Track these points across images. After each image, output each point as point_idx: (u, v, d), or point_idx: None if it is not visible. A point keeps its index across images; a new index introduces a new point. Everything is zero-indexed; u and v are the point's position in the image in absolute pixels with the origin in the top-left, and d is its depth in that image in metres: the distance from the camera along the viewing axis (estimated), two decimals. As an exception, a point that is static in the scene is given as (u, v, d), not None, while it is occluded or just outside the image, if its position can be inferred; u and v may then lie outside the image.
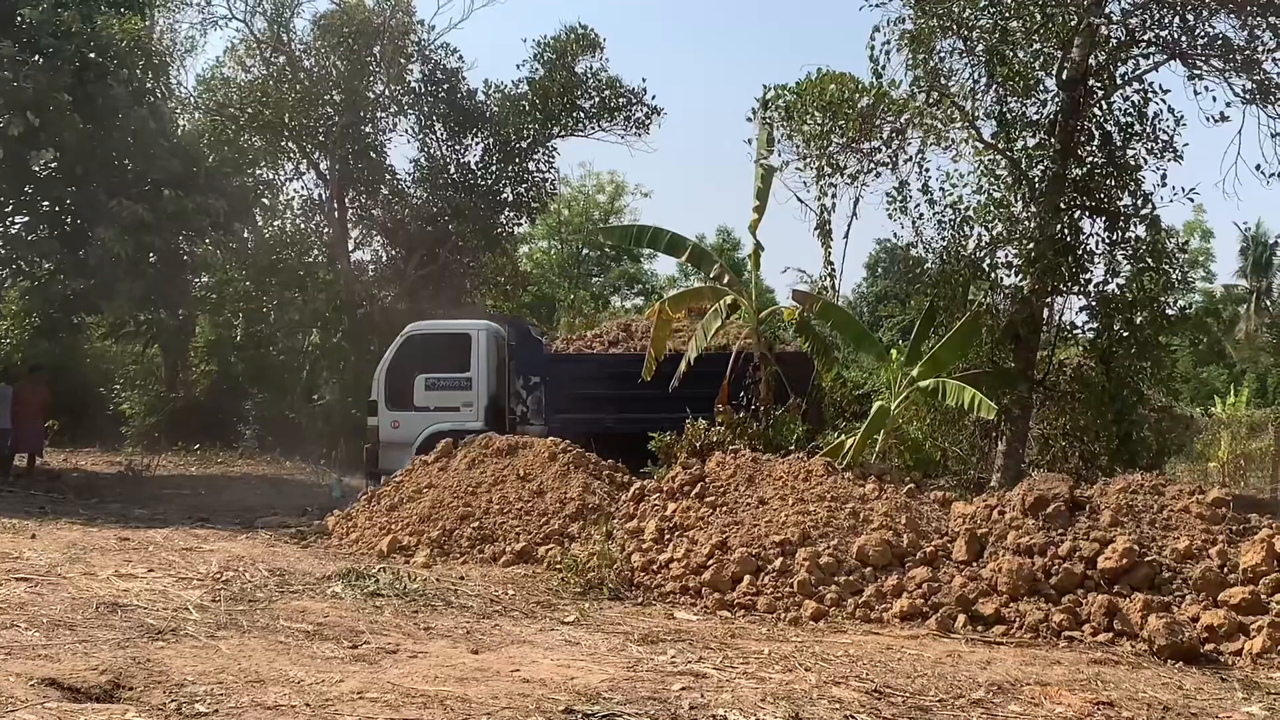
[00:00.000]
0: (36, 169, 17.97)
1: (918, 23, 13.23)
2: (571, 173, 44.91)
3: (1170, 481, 8.93)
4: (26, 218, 18.39)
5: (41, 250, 17.60)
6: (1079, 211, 13.05)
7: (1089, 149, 13.06)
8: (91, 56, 17.02)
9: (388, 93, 25.77)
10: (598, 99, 25.40)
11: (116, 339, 23.11)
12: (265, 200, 25.00)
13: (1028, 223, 12.89)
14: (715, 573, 8.22)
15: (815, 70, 13.81)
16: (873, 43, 13.27)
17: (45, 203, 18.17)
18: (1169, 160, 12.88)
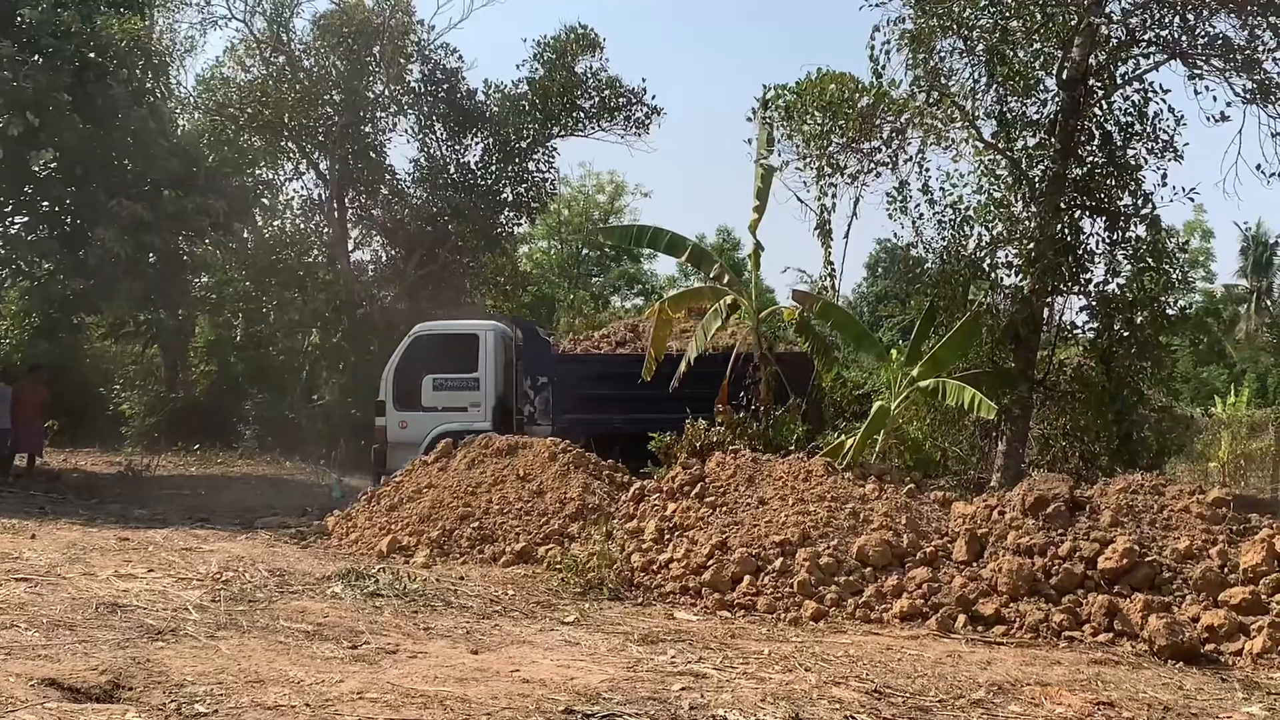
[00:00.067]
0: (36, 169, 17.95)
1: (918, 22, 13.23)
2: (571, 173, 44.99)
3: (1170, 481, 8.93)
4: (26, 218, 18.38)
5: (41, 250, 17.59)
6: (1079, 211, 13.05)
7: (1089, 149, 13.06)
8: (91, 56, 17.01)
9: (387, 93, 25.75)
10: (598, 99, 25.38)
11: (116, 339, 23.10)
12: (265, 200, 25.00)
13: (1028, 222, 12.88)
14: (715, 573, 8.22)
15: (815, 70, 13.83)
16: (873, 42, 13.29)
17: (45, 203, 18.15)
18: (1169, 160, 12.90)
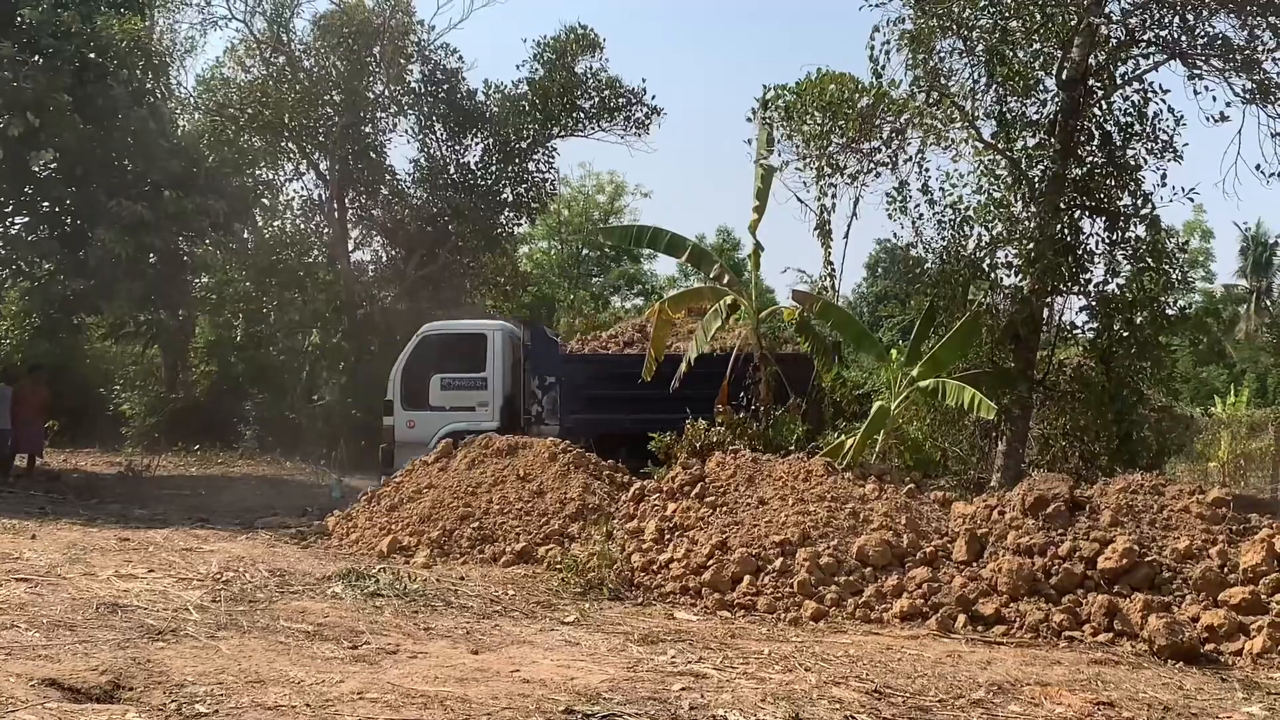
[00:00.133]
0: (36, 169, 17.96)
1: (917, 23, 13.22)
2: (571, 173, 45.01)
3: (1170, 481, 8.93)
4: (26, 218, 18.38)
5: (41, 251, 17.59)
6: (1079, 211, 13.04)
7: (1089, 149, 13.05)
8: (91, 57, 17.00)
9: (387, 93, 25.77)
10: (597, 99, 25.40)
11: (116, 339, 23.11)
12: (265, 201, 25.02)
13: (1027, 223, 12.87)
14: (715, 573, 8.23)
15: (815, 70, 13.81)
16: (872, 43, 13.28)
17: (45, 203, 18.15)
18: (1169, 160, 12.88)
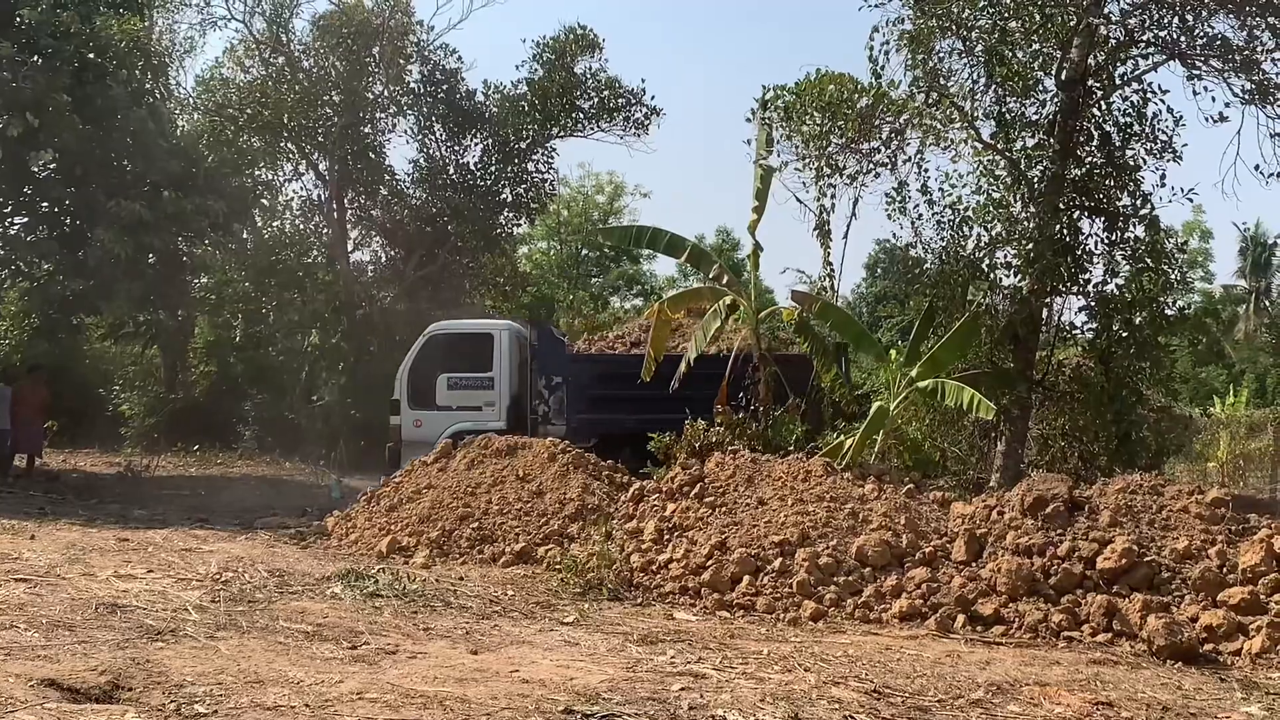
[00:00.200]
0: (35, 170, 17.94)
1: (917, 23, 13.22)
2: (571, 173, 45.01)
3: (1169, 482, 8.94)
4: (26, 218, 18.37)
5: (40, 251, 17.58)
6: (1078, 212, 13.04)
7: (1088, 149, 13.05)
8: (90, 57, 16.99)
9: (387, 93, 25.77)
10: (597, 99, 25.40)
11: (116, 340, 23.08)
12: (264, 201, 25.02)
13: (1027, 223, 12.87)
14: (714, 573, 8.23)
15: (814, 71, 13.80)
16: (872, 43, 13.27)
17: (44, 203, 18.14)
18: (1168, 160, 12.87)
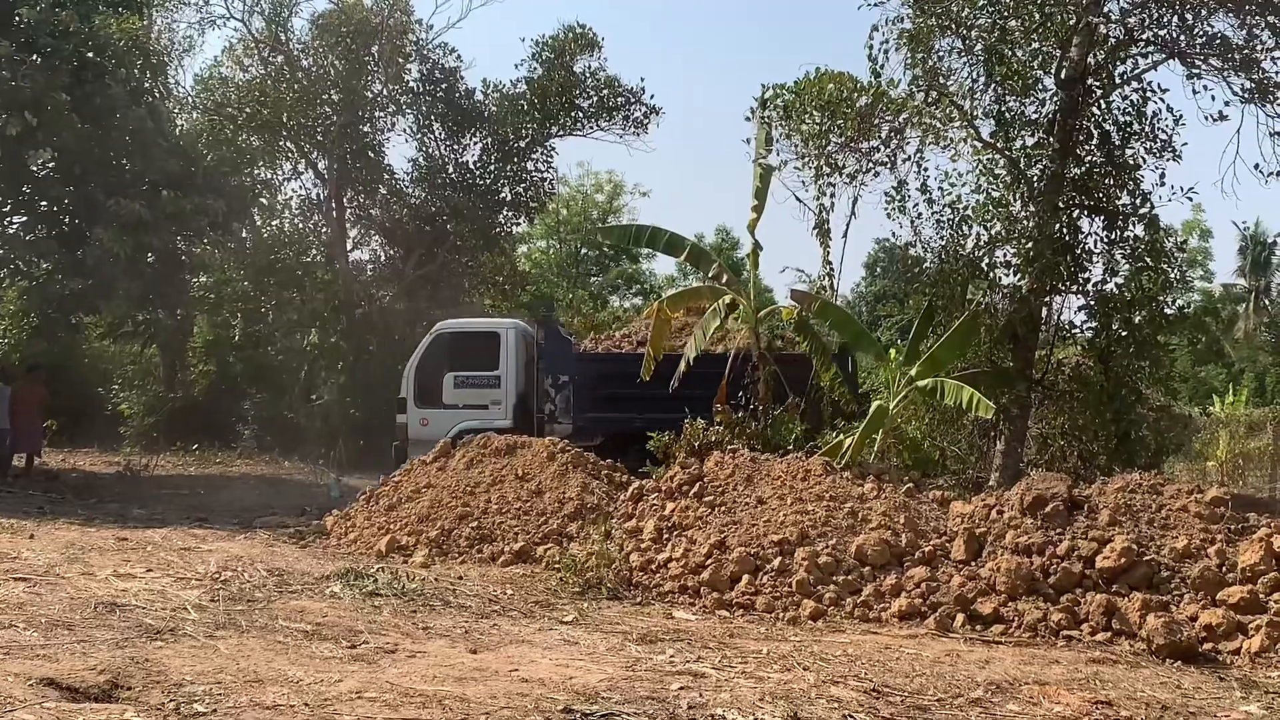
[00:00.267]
0: (34, 169, 17.92)
1: (916, 22, 13.21)
2: (570, 172, 44.99)
3: (1168, 481, 8.94)
4: (25, 217, 18.34)
5: (39, 250, 17.56)
6: (1077, 211, 13.03)
7: (1087, 148, 13.04)
8: (89, 56, 16.97)
9: (386, 92, 25.75)
10: (596, 98, 25.39)
11: (115, 339, 23.08)
12: (263, 200, 25.00)
13: (1026, 222, 12.87)
14: (714, 572, 8.23)
15: (814, 69, 13.79)
16: (871, 42, 13.26)
17: (43, 202, 18.12)
18: (1168, 159, 12.86)
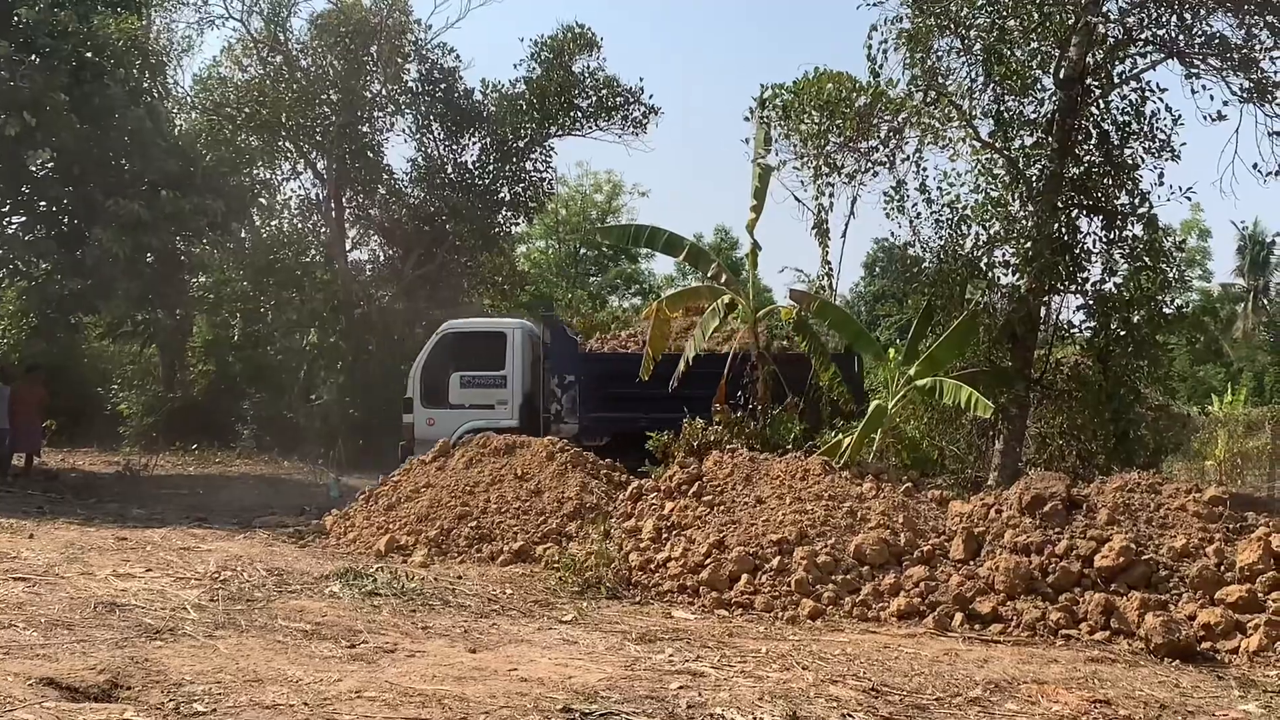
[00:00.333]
0: (33, 169, 17.92)
1: (915, 22, 13.22)
2: (569, 172, 44.93)
3: (1167, 480, 8.96)
4: (24, 218, 18.33)
5: (39, 250, 17.55)
6: (1076, 210, 13.04)
7: (1086, 148, 13.05)
8: (88, 56, 16.96)
9: (385, 92, 25.75)
10: (595, 98, 25.39)
11: (114, 339, 23.07)
12: (262, 200, 25.00)
13: (1025, 222, 12.88)
14: (713, 572, 8.23)
15: (813, 69, 13.79)
16: (870, 42, 13.27)
17: (42, 203, 18.11)
18: (1166, 159, 12.87)
